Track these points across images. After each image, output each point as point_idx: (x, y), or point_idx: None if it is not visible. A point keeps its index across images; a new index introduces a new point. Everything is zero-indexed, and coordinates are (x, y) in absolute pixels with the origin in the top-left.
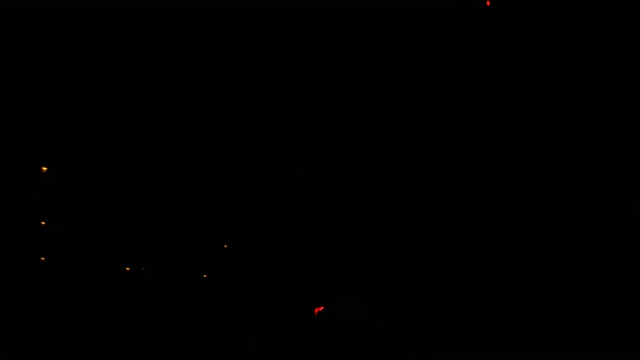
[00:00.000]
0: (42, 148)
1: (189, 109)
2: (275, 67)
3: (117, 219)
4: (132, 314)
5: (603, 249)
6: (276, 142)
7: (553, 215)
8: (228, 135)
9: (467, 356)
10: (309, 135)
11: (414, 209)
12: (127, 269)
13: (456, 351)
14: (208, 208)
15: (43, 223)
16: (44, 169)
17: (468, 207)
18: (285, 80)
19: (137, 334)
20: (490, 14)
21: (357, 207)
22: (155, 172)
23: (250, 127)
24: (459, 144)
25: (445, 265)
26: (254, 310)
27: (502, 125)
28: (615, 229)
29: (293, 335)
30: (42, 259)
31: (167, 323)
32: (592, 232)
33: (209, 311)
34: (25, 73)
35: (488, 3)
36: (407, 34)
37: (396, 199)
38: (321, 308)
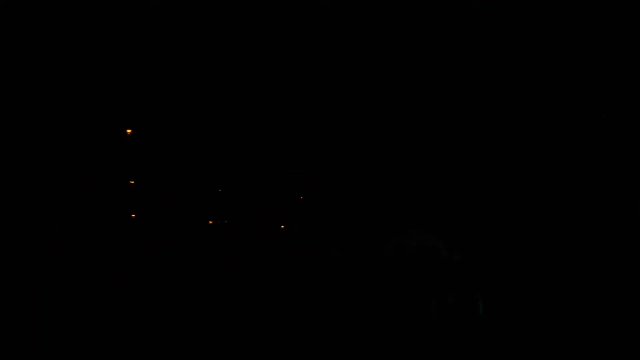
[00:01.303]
0: (42, 147)
1: (189, 109)
2: (275, 67)
3: (117, 219)
4: (132, 314)
5: (603, 249)
6: (276, 142)
7: (553, 215)
8: (228, 135)
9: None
10: (309, 135)
11: (413, 209)
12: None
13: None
14: (208, 208)
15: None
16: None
17: (468, 207)
18: (285, 80)
19: (137, 334)
20: (490, 14)
21: (357, 207)
22: (154, 172)
23: (250, 127)
24: (458, 144)
25: (445, 265)
26: (255, 309)
27: (502, 125)
28: (615, 229)
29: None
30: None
31: (167, 323)
32: (592, 232)
33: (209, 311)
34: (25, 73)
35: None
36: (407, 33)
37: (396, 198)
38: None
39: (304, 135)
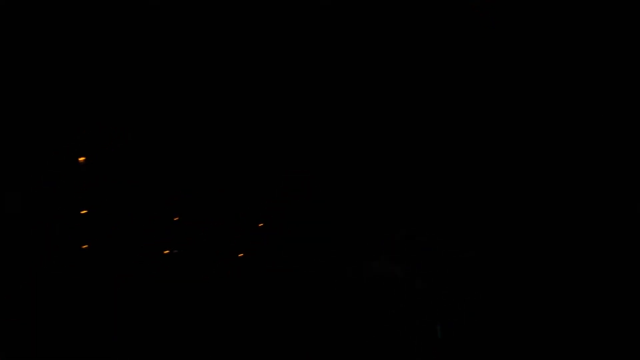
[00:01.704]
0: (41, 147)
1: (188, 109)
2: (275, 68)
3: (117, 219)
4: (132, 313)
5: (603, 249)
6: (276, 142)
7: (553, 215)
8: (228, 135)
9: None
10: (309, 135)
11: (413, 209)
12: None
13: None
14: (207, 207)
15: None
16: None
17: (467, 207)
18: (285, 80)
19: (137, 334)
20: (490, 13)
21: (356, 207)
22: (153, 172)
23: (250, 127)
24: (458, 144)
25: (444, 265)
26: (255, 309)
27: (502, 125)
28: (615, 229)
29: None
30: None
31: (167, 323)
32: (592, 231)
33: (209, 310)
34: (26, 73)
35: None
36: (407, 33)
37: (395, 199)
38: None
39: (299, 137)
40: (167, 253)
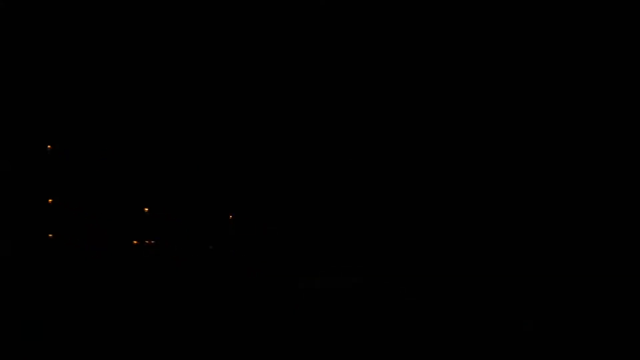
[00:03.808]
0: (41, 147)
1: (188, 109)
2: (275, 68)
3: (116, 218)
4: (132, 313)
5: (603, 249)
6: (275, 142)
7: (553, 215)
8: (227, 135)
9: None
10: (308, 135)
11: (412, 209)
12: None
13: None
14: (206, 207)
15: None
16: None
17: (467, 207)
18: (284, 80)
19: (137, 334)
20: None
21: (356, 207)
22: (150, 172)
23: (249, 127)
24: (457, 144)
25: (444, 265)
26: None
27: (502, 125)
28: (616, 228)
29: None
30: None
31: (167, 323)
32: (592, 231)
33: (209, 310)
34: (26, 72)
35: None
36: (407, 33)
37: (395, 198)
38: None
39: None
40: (164, 254)
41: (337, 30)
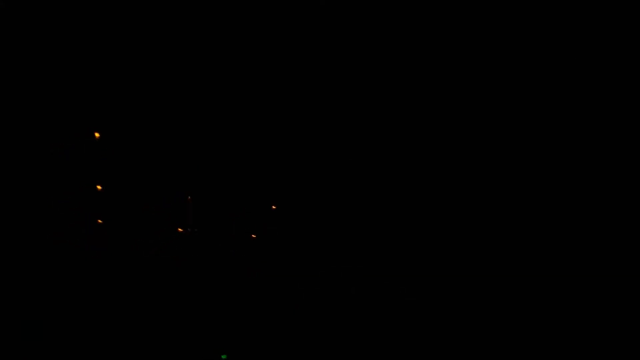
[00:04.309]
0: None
1: (188, 109)
2: (275, 68)
3: (116, 218)
4: (132, 313)
5: (603, 249)
6: (274, 142)
7: (553, 215)
8: (227, 134)
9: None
10: (308, 135)
11: (411, 209)
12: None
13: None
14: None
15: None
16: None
17: (466, 208)
18: (284, 80)
19: (137, 334)
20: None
21: (355, 207)
22: (150, 172)
23: (249, 126)
24: (457, 144)
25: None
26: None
27: (502, 125)
28: (615, 229)
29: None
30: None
31: (167, 322)
32: (592, 231)
33: (210, 310)
34: (27, 72)
35: None
36: (407, 33)
37: (394, 198)
38: None
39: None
40: (163, 254)
41: (337, 30)
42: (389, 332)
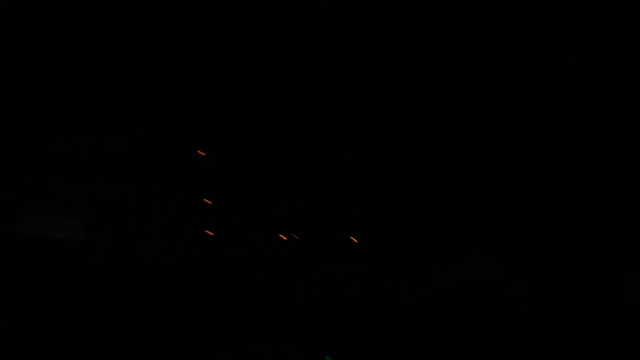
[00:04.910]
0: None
1: (187, 109)
2: (275, 68)
3: (115, 219)
4: (132, 313)
5: (603, 249)
6: (274, 142)
7: (552, 214)
8: (226, 134)
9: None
10: (308, 135)
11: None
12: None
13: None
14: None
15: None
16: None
17: (466, 208)
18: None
19: (136, 334)
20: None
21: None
22: (149, 172)
23: (248, 126)
24: (457, 144)
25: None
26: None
27: (501, 125)
28: (616, 228)
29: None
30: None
31: (167, 322)
32: (593, 231)
33: (210, 310)
34: (26, 72)
35: None
36: (407, 33)
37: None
38: None
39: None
40: (162, 254)
41: (337, 30)
42: (389, 332)
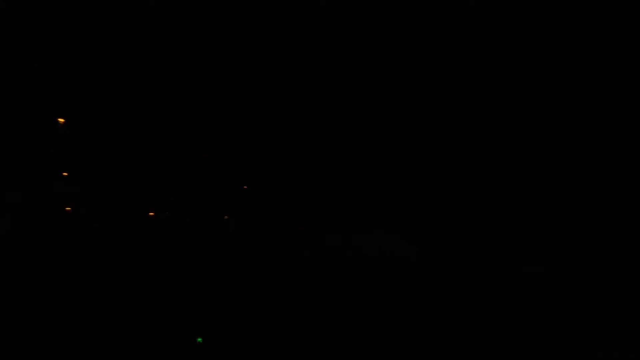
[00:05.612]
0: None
1: (187, 109)
2: (275, 68)
3: (115, 219)
4: (131, 313)
5: (603, 249)
6: (274, 142)
7: (552, 214)
8: (226, 134)
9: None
10: (308, 135)
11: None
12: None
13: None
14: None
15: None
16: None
17: (466, 208)
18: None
19: (136, 334)
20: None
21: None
22: (149, 173)
23: (248, 126)
24: (457, 144)
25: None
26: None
27: (501, 125)
28: (615, 229)
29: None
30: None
31: (167, 322)
32: (592, 231)
33: (210, 310)
34: (26, 72)
35: None
36: (407, 33)
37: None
38: None
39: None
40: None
41: (337, 30)
42: (389, 332)
